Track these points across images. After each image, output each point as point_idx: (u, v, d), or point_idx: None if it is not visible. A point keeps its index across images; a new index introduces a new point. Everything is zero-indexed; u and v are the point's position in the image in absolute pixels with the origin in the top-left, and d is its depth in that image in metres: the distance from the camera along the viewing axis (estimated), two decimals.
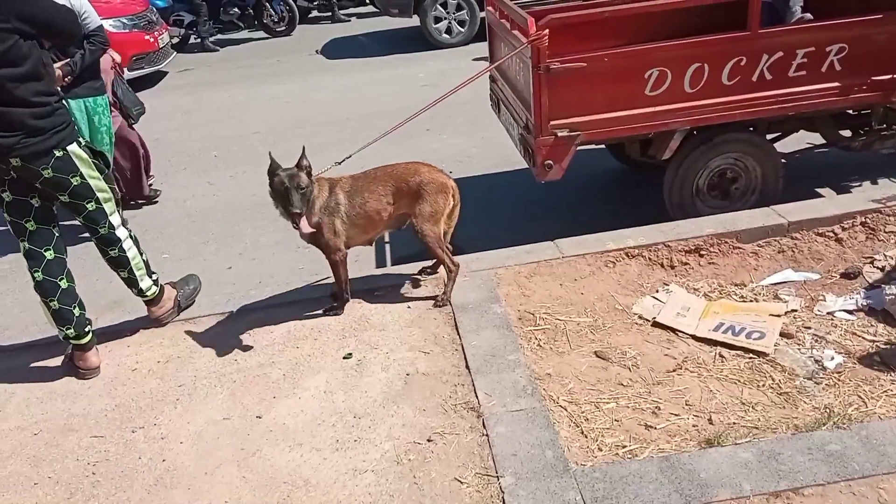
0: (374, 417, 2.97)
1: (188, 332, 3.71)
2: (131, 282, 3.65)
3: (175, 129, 7.89)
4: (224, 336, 3.63)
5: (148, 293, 3.68)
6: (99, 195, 3.41)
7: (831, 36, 3.91)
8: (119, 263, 3.59)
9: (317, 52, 10.83)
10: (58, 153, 3.23)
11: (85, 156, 3.34)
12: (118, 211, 3.56)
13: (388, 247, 4.76)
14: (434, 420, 2.91)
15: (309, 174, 3.41)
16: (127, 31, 9.25)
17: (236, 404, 3.15)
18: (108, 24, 8.66)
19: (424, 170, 3.63)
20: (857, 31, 3.91)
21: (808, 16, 4.17)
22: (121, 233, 3.54)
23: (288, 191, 3.30)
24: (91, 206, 3.40)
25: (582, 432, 2.77)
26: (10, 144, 3.12)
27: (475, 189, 5.04)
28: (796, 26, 4.05)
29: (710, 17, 4.34)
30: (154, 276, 3.72)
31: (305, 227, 3.38)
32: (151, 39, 9.59)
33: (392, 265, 4.51)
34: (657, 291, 3.65)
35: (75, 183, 3.31)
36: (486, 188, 5.40)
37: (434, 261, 3.90)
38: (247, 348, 3.52)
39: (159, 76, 10.24)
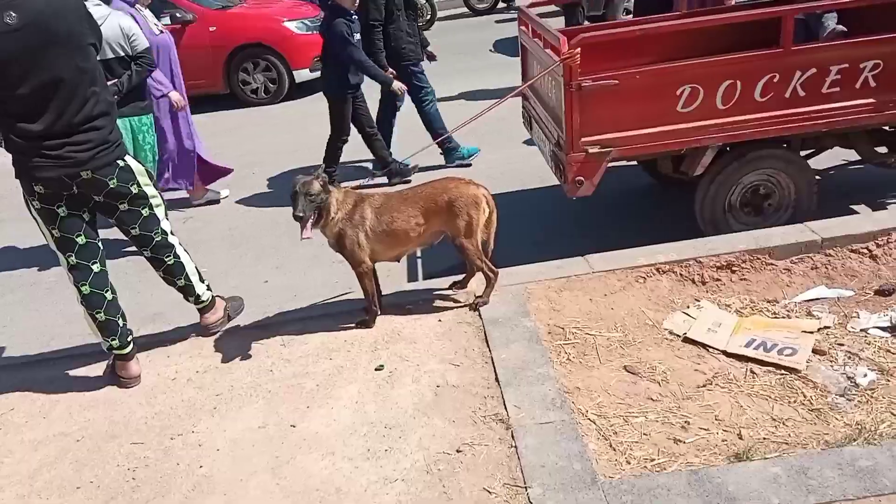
0: (404, 428, 3.02)
1: (225, 343, 3.81)
2: (188, 289, 3.77)
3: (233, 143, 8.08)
4: (260, 347, 3.72)
5: (204, 298, 3.81)
6: (152, 201, 3.56)
7: (865, 52, 3.89)
8: (174, 271, 3.70)
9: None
10: (121, 164, 3.40)
11: (139, 165, 3.51)
12: (167, 218, 3.69)
13: (419, 261, 4.82)
14: (463, 431, 2.95)
15: (324, 184, 3.52)
16: (311, 32, 9.33)
17: (271, 413, 3.23)
18: (293, 26, 9.47)
19: (452, 185, 3.68)
20: (890, 48, 3.88)
21: (841, 27, 4.14)
22: (173, 239, 3.67)
23: (296, 195, 3.45)
24: (146, 213, 3.54)
25: (610, 445, 2.78)
26: (86, 159, 3.26)
27: (507, 205, 5.07)
28: (829, 43, 4.04)
29: (742, 34, 4.35)
30: (206, 282, 3.84)
31: (304, 233, 3.51)
32: None
33: (423, 279, 4.57)
34: (688, 307, 3.65)
35: (134, 191, 3.46)
36: (518, 204, 5.43)
37: (464, 275, 3.95)
38: (282, 359, 3.60)
39: None
